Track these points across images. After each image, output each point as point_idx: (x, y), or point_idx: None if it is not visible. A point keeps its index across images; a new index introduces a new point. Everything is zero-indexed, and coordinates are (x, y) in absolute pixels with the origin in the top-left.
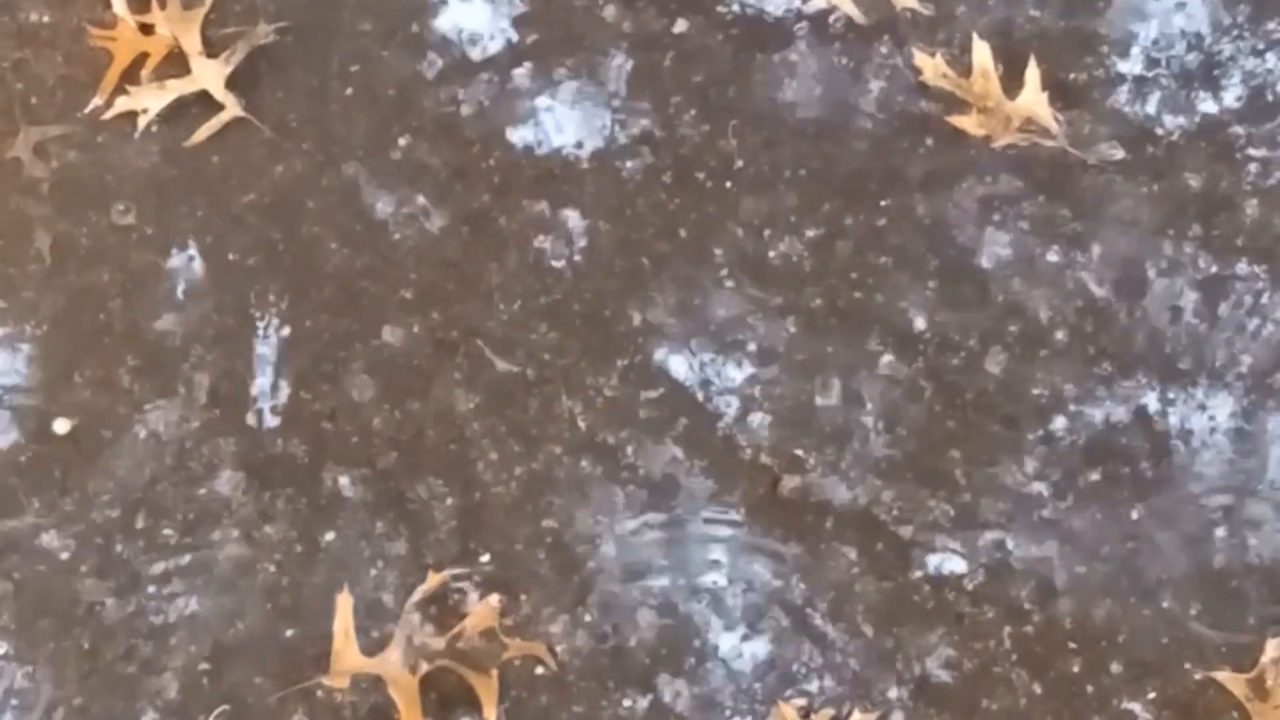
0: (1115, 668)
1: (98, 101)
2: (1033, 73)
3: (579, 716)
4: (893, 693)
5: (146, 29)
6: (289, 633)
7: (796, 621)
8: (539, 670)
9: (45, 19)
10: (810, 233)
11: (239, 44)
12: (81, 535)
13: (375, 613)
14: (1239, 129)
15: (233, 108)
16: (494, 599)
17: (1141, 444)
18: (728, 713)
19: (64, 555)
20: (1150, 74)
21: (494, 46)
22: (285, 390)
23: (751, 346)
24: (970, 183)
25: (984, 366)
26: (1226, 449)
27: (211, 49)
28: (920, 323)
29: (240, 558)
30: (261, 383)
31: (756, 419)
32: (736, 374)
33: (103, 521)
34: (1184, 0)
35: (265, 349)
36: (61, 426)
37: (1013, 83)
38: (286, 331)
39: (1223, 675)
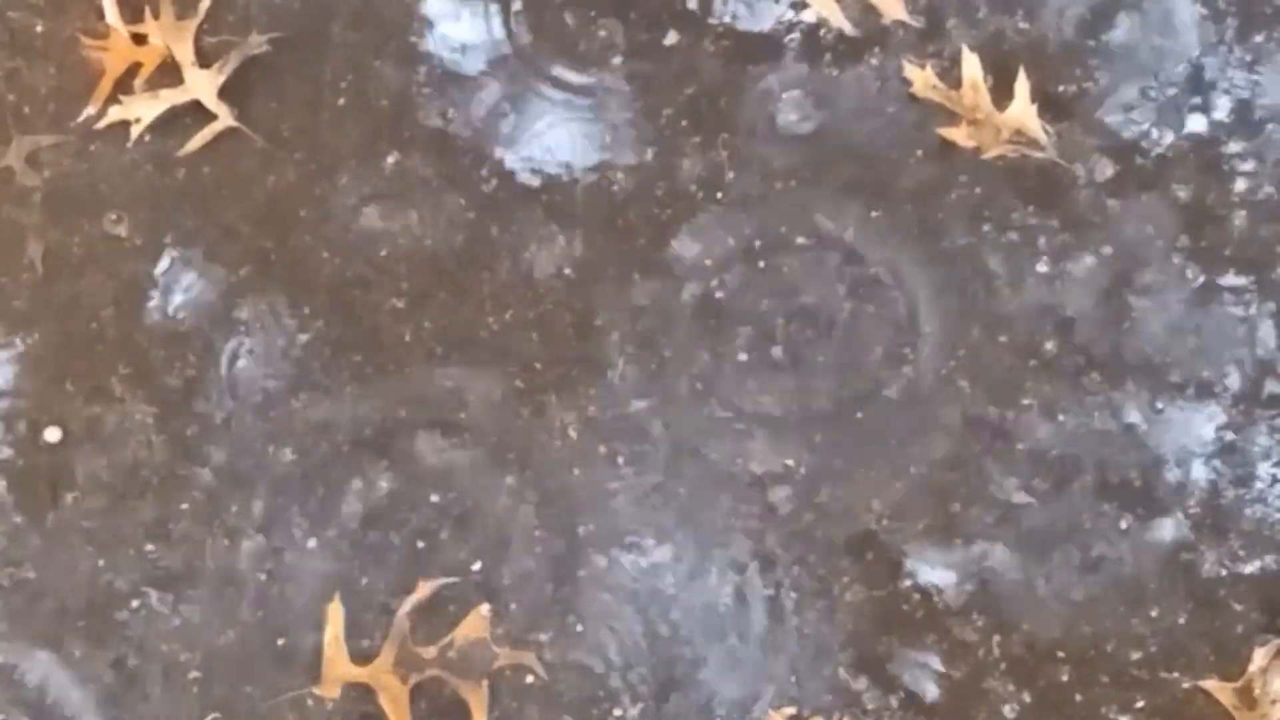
0: (1103, 677)
1: (90, 111)
2: (1022, 85)
3: None
4: (882, 701)
5: (139, 39)
6: (280, 641)
7: (786, 630)
8: (529, 679)
9: (38, 29)
10: (801, 242)
11: (232, 54)
12: (71, 544)
13: (366, 622)
14: (1227, 142)
15: (225, 118)
16: (484, 608)
17: (1130, 454)
18: None
19: (52, 564)
20: (1139, 86)
21: (486, 57)
22: (278, 399)
23: (742, 356)
24: (960, 194)
25: (973, 376)
26: (1214, 459)
27: (204, 59)
28: (910, 333)
29: (231, 566)
30: (253, 392)
31: (747, 428)
32: (727, 383)
33: (93, 530)
34: (1172, 13)
35: (257, 358)
36: (52, 435)
37: (1002, 95)
38: (279, 341)
39: (1210, 684)
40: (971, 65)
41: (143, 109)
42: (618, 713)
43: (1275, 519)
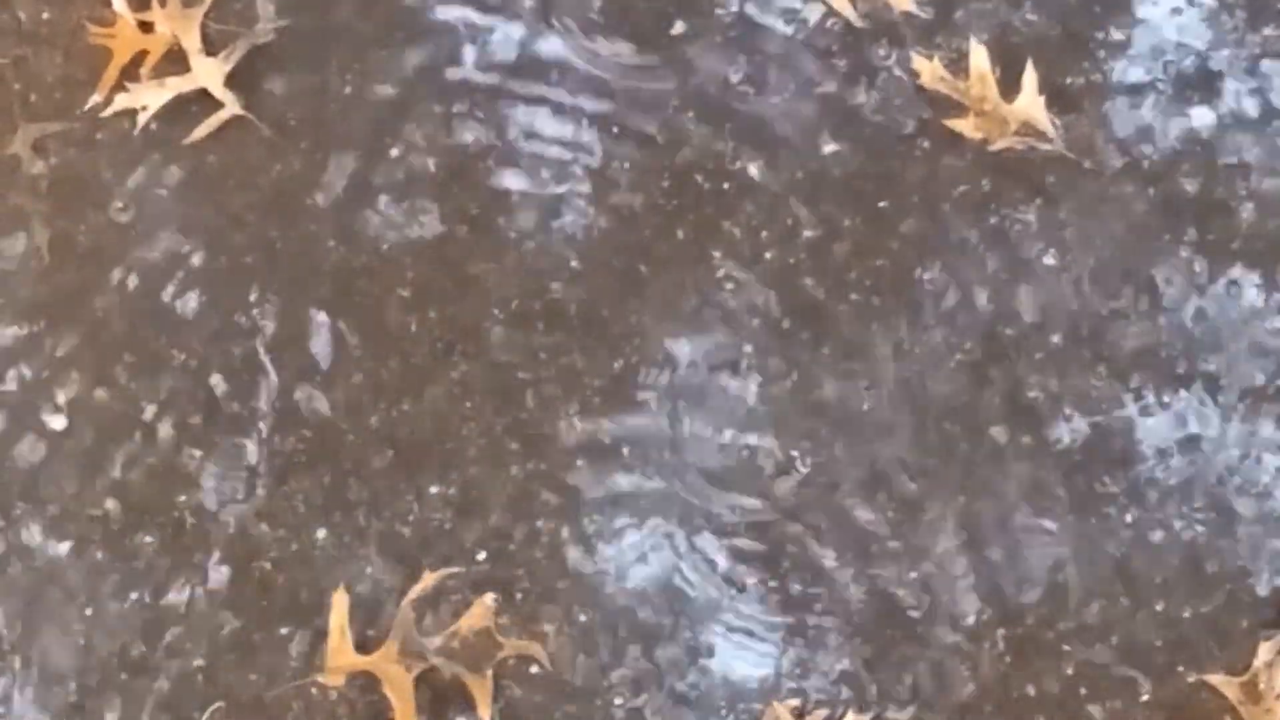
0: (1108, 670)
1: (97, 99)
2: (1030, 77)
3: (573, 716)
4: (886, 693)
5: (146, 27)
6: (284, 630)
7: (791, 621)
8: (533, 669)
9: (45, 16)
10: (808, 234)
11: (238, 42)
12: (76, 532)
13: (371, 611)
14: (1235, 134)
15: (232, 106)
16: (489, 598)
17: (1136, 447)
18: (722, 712)
19: (58, 552)
20: (1147, 78)
21: (493, 45)
22: (282, 388)
23: (748, 348)
24: (967, 186)
25: (979, 370)
26: (1221, 452)
27: (211, 47)
28: (916, 325)
29: (236, 555)
30: (258, 380)
31: (753, 420)
32: (733, 375)
33: (97, 518)
34: (1180, 5)
35: (262, 347)
36: (57, 423)
37: (1010, 86)
38: (284, 329)
39: (1216, 678)
40: (979, 57)
41: (149, 97)
42: (620, 702)
43: None
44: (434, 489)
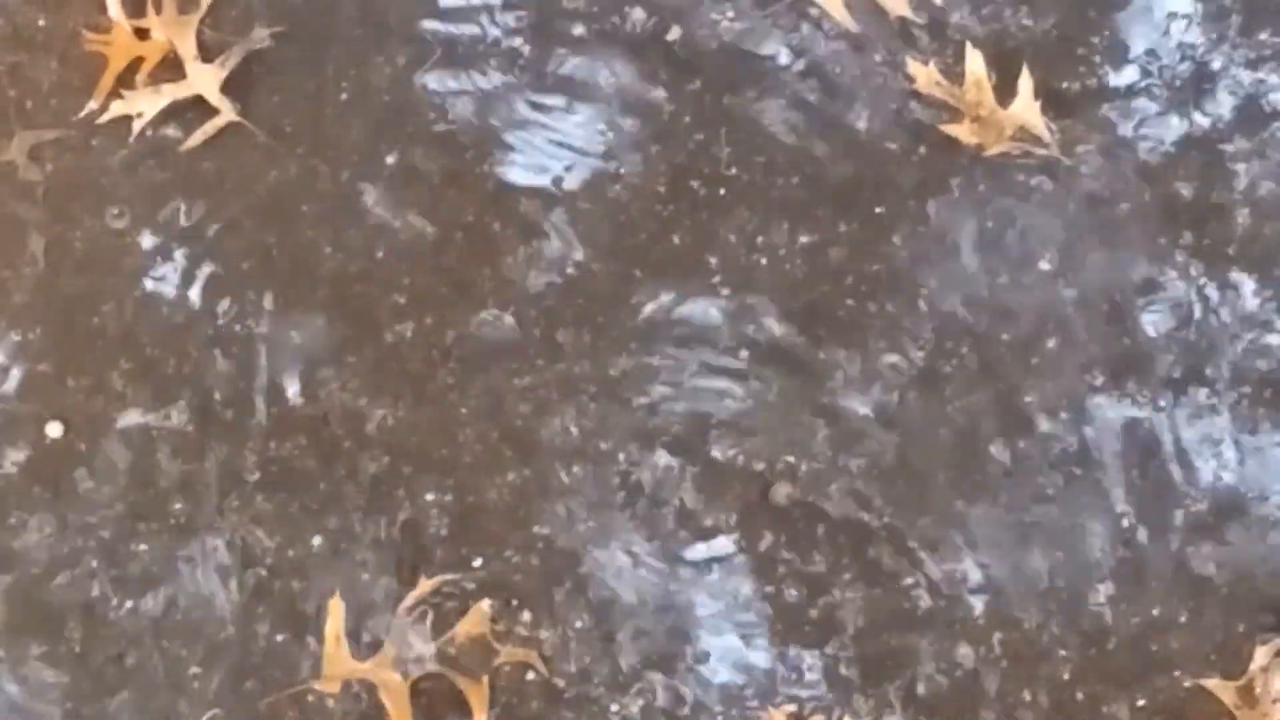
0: (1104, 674)
1: (92, 105)
2: (1025, 82)
3: None
4: (883, 699)
5: (142, 33)
6: (279, 637)
7: (787, 628)
8: (530, 676)
9: (40, 23)
10: (804, 240)
11: (234, 48)
12: (73, 539)
13: (367, 618)
14: (1230, 139)
15: (228, 112)
16: (485, 605)
17: (1133, 453)
18: (719, 718)
19: (55, 558)
20: (1143, 84)
21: (489, 52)
22: (278, 395)
23: (744, 353)
24: (962, 191)
25: (976, 374)
26: (1217, 458)
27: (207, 53)
28: (912, 330)
29: (231, 561)
30: (254, 387)
31: (748, 425)
32: (728, 380)
33: (94, 524)
34: (1176, 11)
35: (258, 353)
36: (54, 430)
37: (1005, 91)
38: (280, 336)
39: (1212, 683)
40: (975, 62)
41: (145, 103)
42: (616, 709)
43: (1277, 516)
44: (430, 495)
